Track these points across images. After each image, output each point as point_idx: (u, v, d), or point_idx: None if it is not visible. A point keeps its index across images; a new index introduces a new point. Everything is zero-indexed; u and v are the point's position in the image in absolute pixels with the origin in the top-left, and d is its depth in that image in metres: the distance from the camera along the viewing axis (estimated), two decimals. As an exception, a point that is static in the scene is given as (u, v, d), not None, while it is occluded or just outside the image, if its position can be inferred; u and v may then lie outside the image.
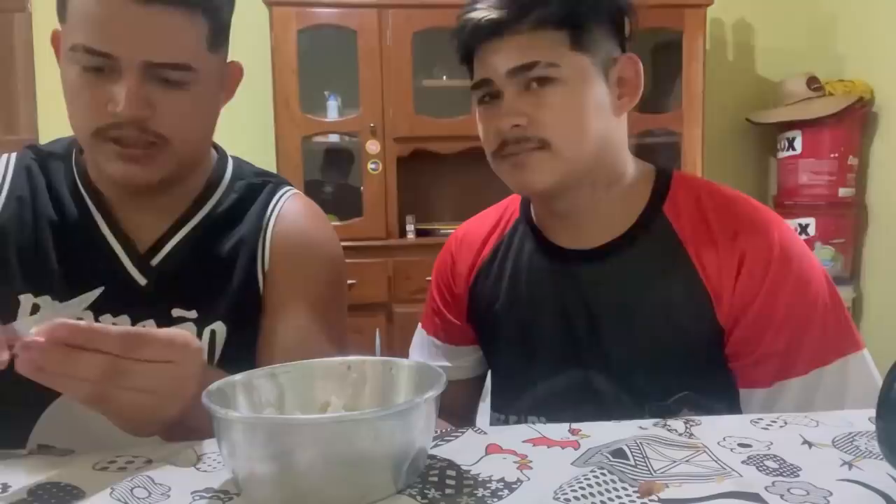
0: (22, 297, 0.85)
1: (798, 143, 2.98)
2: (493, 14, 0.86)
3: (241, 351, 0.87)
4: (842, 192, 2.94)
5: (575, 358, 0.93)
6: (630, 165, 0.94)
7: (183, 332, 0.64)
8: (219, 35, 0.83)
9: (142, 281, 0.87)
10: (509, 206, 1.05)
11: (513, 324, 0.98)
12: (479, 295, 1.02)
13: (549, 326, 0.95)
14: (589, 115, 0.87)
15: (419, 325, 1.12)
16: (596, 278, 0.92)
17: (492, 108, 0.90)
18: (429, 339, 1.09)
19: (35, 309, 0.85)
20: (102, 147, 0.81)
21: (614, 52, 0.90)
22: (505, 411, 1.02)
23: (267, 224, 0.92)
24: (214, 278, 0.89)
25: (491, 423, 1.03)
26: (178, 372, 0.62)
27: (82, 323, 0.58)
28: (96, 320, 0.85)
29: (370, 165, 2.86)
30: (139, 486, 0.56)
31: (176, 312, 0.86)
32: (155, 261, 0.88)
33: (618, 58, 0.90)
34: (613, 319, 0.91)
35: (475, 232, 1.05)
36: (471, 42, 0.89)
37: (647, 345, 0.89)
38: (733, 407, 0.88)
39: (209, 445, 0.64)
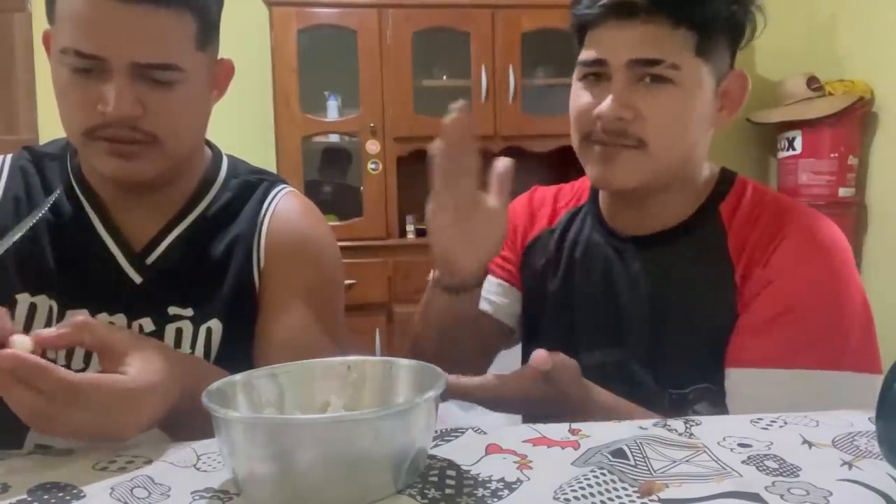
0: (19, 297, 0.85)
1: (798, 143, 2.98)
2: None
3: (238, 349, 0.87)
4: (842, 192, 2.94)
5: (612, 336, 0.93)
6: (706, 170, 0.95)
7: (128, 378, 0.63)
8: (207, 33, 0.83)
9: (137, 279, 0.87)
10: (583, 184, 1.05)
11: (561, 291, 0.99)
12: (535, 255, 1.03)
13: (593, 298, 0.95)
14: (692, 123, 0.87)
15: None
16: (642, 263, 0.92)
17: (595, 88, 0.87)
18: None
19: (32, 308, 0.85)
20: (94, 145, 0.81)
21: (726, 64, 0.89)
22: None
23: (262, 222, 0.92)
24: (210, 276, 0.89)
25: None
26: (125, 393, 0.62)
27: (30, 357, 0.58)
28: (93, 317, 0.85)
29: (370, 165, 2.86)
30: (139, 486, 0.56)
31: (172, 310, 0.86)
32: (150, 259, 0.88)
33: (729, 71, 0.89)
34: (649, 304, 0.91)
35: (547, 198, 1.06)
36: (595, 13, 0.84)
37: (672, 334, 0.89)
38: None
39: (209, 445, 0.64)
